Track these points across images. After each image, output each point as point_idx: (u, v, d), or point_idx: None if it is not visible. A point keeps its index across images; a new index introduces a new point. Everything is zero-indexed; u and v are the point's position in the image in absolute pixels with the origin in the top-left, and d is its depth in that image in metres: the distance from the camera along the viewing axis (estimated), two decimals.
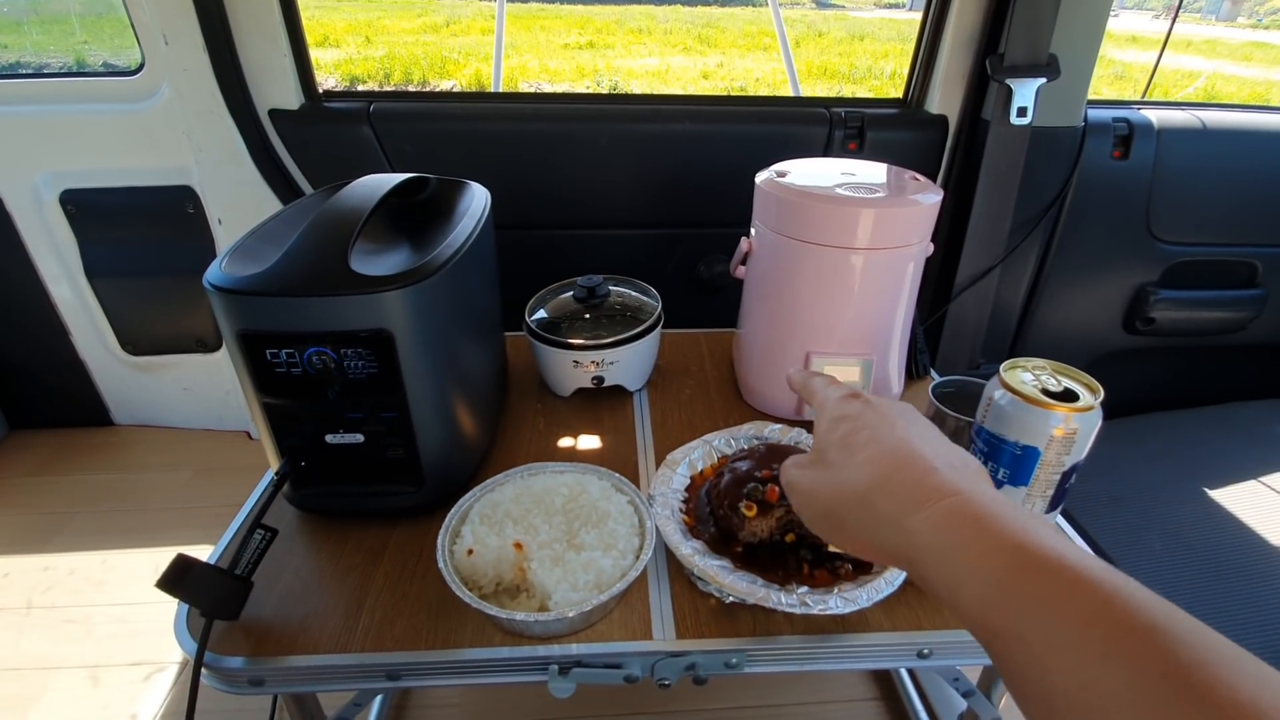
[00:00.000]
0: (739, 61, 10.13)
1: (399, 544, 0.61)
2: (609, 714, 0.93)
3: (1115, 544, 1.04)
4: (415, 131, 1.14)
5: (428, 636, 0.53)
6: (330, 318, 0.52)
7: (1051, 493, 0.57)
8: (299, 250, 0.54)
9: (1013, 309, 1.32)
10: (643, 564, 0.53)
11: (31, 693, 0.95)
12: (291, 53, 1.10)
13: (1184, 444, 1.22)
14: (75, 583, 1.12)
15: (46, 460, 1.40)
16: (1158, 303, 1.30)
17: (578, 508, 0.59)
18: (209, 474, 1.37)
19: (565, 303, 0.83)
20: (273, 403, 0.57)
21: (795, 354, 0.75)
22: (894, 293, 0.74)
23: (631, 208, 1.22)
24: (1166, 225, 1.26)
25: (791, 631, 0.53)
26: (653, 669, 0.53)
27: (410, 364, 0.55)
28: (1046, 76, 1.05)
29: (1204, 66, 9.39)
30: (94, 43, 2.05)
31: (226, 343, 0.55)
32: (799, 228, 0.71)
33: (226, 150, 1.13)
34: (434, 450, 0.61)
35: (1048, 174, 1.19)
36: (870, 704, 0.96)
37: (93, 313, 1.33)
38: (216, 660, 0.51)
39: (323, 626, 0.54)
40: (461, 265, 0.60)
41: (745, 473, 0.60)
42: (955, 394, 0.70)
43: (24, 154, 1.19)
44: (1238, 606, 0.89)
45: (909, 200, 0.69)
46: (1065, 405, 0.53)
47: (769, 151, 0.79)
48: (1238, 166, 1.24)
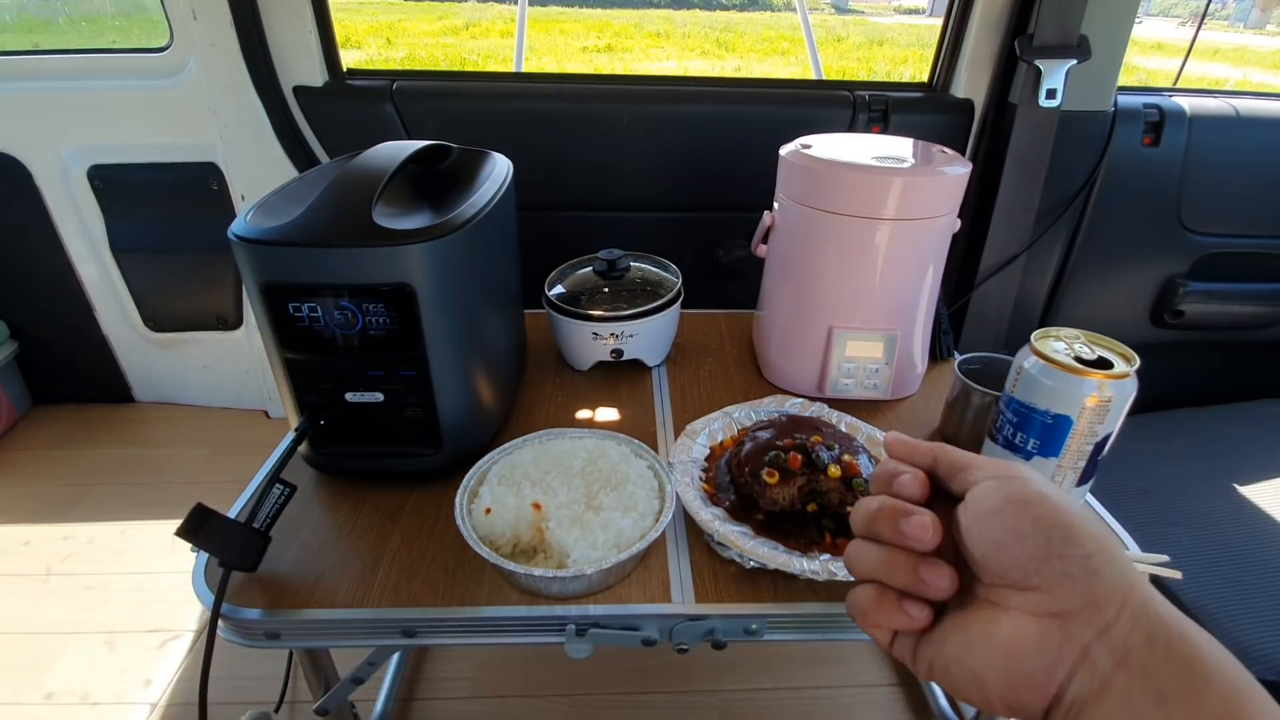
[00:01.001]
0: (757, 66, 10.10)
1: (416, 506, 0.61)
2: (623, 691, 0.93)
3: (1143, 538, 1.01)
4: (437, 110, 1.14)
5: (444, 595, 0.52)
6: (352, 270, 0.52)
7: (1083, 464, 0.55)
8: (323, 204, 0.54)
9: (1037, 298, 1.30)
10: (663, 526, 0.53)
11: (49, 656, 0.96)
12: (317, 30, 1.11)
13: (1213, 440, 1.19)
14: (94, 552, 1.13)
15: (68, 434, 1.42)
16: (1187, 295, 1.27)
17: (597, 471, 0.58)
18: (227, 451, 1.38)
19: (585, 277, 0.82)
20: (294, 358, 0.56)
21: (819, 328, 0.74)
22: (920, 267, 0.73)
23: (651, 190, 1.21)
24: (1197, 215, 1.23)
25: (814, 599, 0.52)
26: (670, 633, 0.52)
27: (431, 321, 0.55)
28: (1077, 58, 1.03)
29: (1231, 74, 9.24)
30: (123, 42, 2.10)
31: (250, 296, 0.55)
32: (825, 198, 0.69)
33: (251, 126, 1.14)
34: (452, 412, 0.60)
35: (1076, 160, 1.16)
36: (890, 689, 0.94)
37: (117, 289, 1.35)
38: (233, 612, 0.51)
39: (339, 582, 0.53)
40: (483, 227, 0.60)
41: (767, 441, 0.59)
42: (981, 370, 0.69)
43: (53, 129, 1.21)
44: (1268, 604, 0.86)
45: (937, 171, 0.68)
46: (1100, 372, 0.52)
47: (791, 134, 0.78)
48: (1273, 156, 1.21)
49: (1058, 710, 0.25)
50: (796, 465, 0.56)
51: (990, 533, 0.27)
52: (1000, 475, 0.28)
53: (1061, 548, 0.26)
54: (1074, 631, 0.25)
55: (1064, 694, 0.25)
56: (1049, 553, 0.26)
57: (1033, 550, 0.26)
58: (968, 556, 0.28)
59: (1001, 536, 0.27)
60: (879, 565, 0.29)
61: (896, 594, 0.29)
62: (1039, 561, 0.26)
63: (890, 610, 0.29)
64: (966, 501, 0.29)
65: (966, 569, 0.29)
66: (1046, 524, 0.26)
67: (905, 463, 0.31)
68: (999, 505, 0.27)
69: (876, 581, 0.30)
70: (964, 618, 0.28)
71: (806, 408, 0.69)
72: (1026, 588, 0.26)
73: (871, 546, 0.30)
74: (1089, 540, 0.26)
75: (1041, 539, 0.26)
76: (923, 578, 0.28)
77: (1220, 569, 0.92)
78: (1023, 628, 0.26)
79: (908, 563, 0.28)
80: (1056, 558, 0.26)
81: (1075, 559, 0.25)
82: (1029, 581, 0.26)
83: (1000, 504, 0.27)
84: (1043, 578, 0.26)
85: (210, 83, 1.13)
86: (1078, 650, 0.25)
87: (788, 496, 0.55)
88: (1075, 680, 0.25)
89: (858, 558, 0.30)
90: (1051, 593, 0.26)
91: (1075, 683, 0.25)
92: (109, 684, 0.93)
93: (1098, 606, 0.25)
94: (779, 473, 0.55)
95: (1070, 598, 0.25)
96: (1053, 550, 0.26)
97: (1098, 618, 0.25)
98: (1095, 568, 0.25)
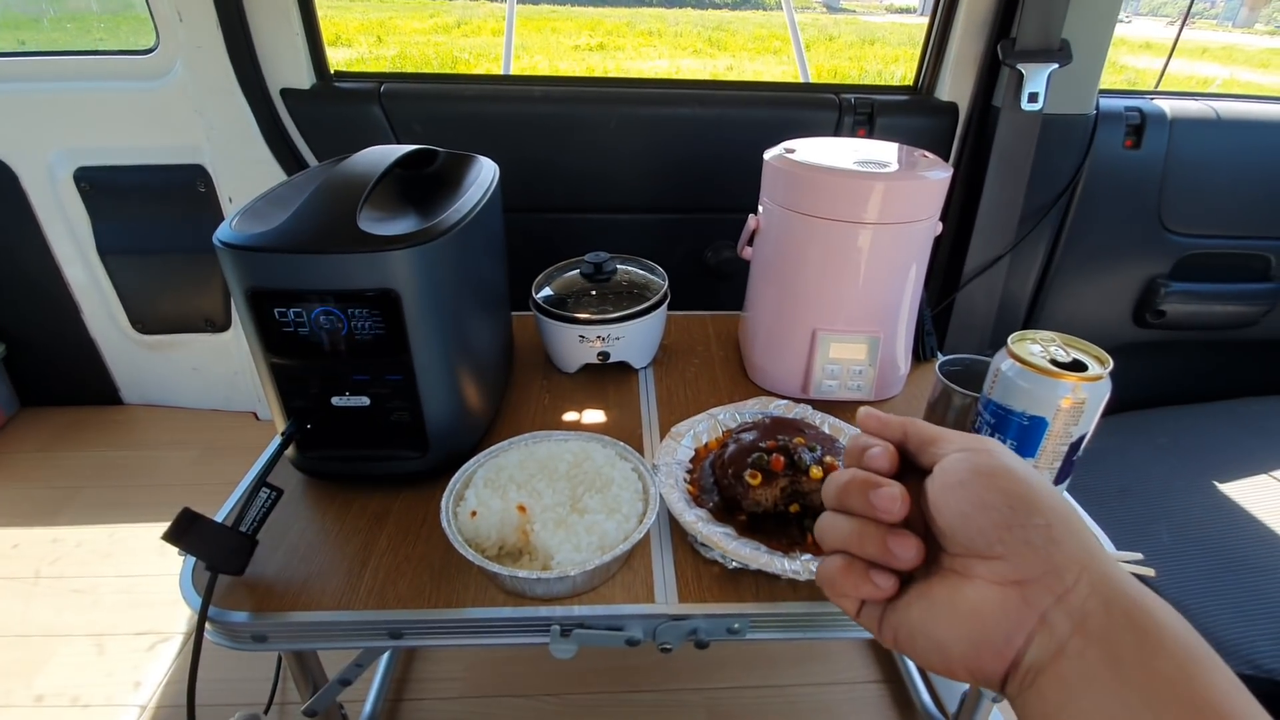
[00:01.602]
0: (749, 64, 10.11)
1: (403, 509, 0.62)
2: (611, 691, 0.93)
3: (1123, 536, 1.03)
4: (425, 112, 1.14)
5: (430, 596, 0.53)
6: (338, 276, 0.53)
7: (1059, 464, 0.57)
8: (308, 210, 0.54)
9: (1021, 299, 1.31)
10: (646, 527, 0.53)
11: (38, 659, 0.96)
12: (304, 32, 1.11)
13: (1193, 438, 1.20)
14: (83, 554, 1.13)
15: (56, 436, 1.41)
16: (1168, 295, 1.28)
17: (582, 473, 0.59)
18: (216, 453, 1.37)
19: (572, 280, 0.83)
20: (280, 363, 0.57)
21: (803, 331, 0.75)
22: (902, 270, 0.74)
23: (639, 192, 1.22)
24: (1178, 216, 1.25)
25: (795, 598, 0.53)
26: (654, 633, 0.53)
27: (416, 326, 0.56)
28: (1059, 62, 1.05)
29: (1220, 73, 9.30)
30: (110, 40, 2.09)
31: (235, 302, 0.55)
32: (808, 203, 0.70)
33: (238, 129, 1.14)
34: (439, 416, 0.61)
35: (1058, 162, 1.18)
36: (873, 685, 0.95)
37: (104, 291, 1.35)
38: (220, 615, 0.51)
39: (326, 585, 0.54)
40: (469, 231, 0.61)
41: (750, 443, 0.60)
42: (963, 372, 0.70)
43: (39, 131, 1.20)
44: (1246, 600, 0.88)
45: (919, 175, 0.69)
46: (1074, 375, 0.53)
47: (778, 137, 0.79)
48: (1252, 158, 1.23)
49: (1015, 674, 0.26)
50: (779, 467, 0.56)
51: (957, 503, 0.28)
52: (968, 448, 0.29)
53: (1024, 517, 0.26)
54: (1034, 598, 0.26)
55: (1022, 659, 0.26)
56: (1012, 522, 0.26)
57: (997, 519, 0.27)
58: (934, 527, 0.29)
59: (968, 507, 0.27)
60: (848, 536, 0.30)
61: (865, 564, 0.30)
62: (1002, 530, 0.26)
63: (858, 579, 0.29)
64: (935, 474, 0.29)
65: (933, 541, 0.29)
66: (1011, 494, 0.27)
67: (877, 437, 0.32)
68: (966, 477, 0.28)
69: (846, 552, 0.30)
70: (929, 587, 0.29)
71: (790, 409, 0.70)
72: (990, 556, 0.27)
73: (841, 518, 0.31)
74: (1050, 511, 0.27)
75: (1005, 509, 0.27)
76: (890, 548, 0.29)
77: (1199, 565, 0.93)
78: (985, 595, 0.27)
79: (876, 534, 0.29)
80: (1019, 527, 0.26)
81: (1037, 528, 0.26)
82: (992, 550, 0.27)
83: (967, 475, 0.28)
84: (1005, 546, 0.26)
85: (197, 85, 1.12)
86: (1036, 616, 0.26)
87: (770, 498, 0.56)
88: (1033, 645, 0.26)
89: (828, 529, 0.31)
90: (1013, 561, 0.26)
91: (1033, 648, 0.26)
92: (98, 686, 0.93)
93: (1057, 574, 0.26)
94: (762, 474, 0.56)
95: (1031, 565, 0.26)
96: (1016, 519, 0.26)
97: (1057, 585, 0.26)
98: (1055, 537, 0.26)
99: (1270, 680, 0.77)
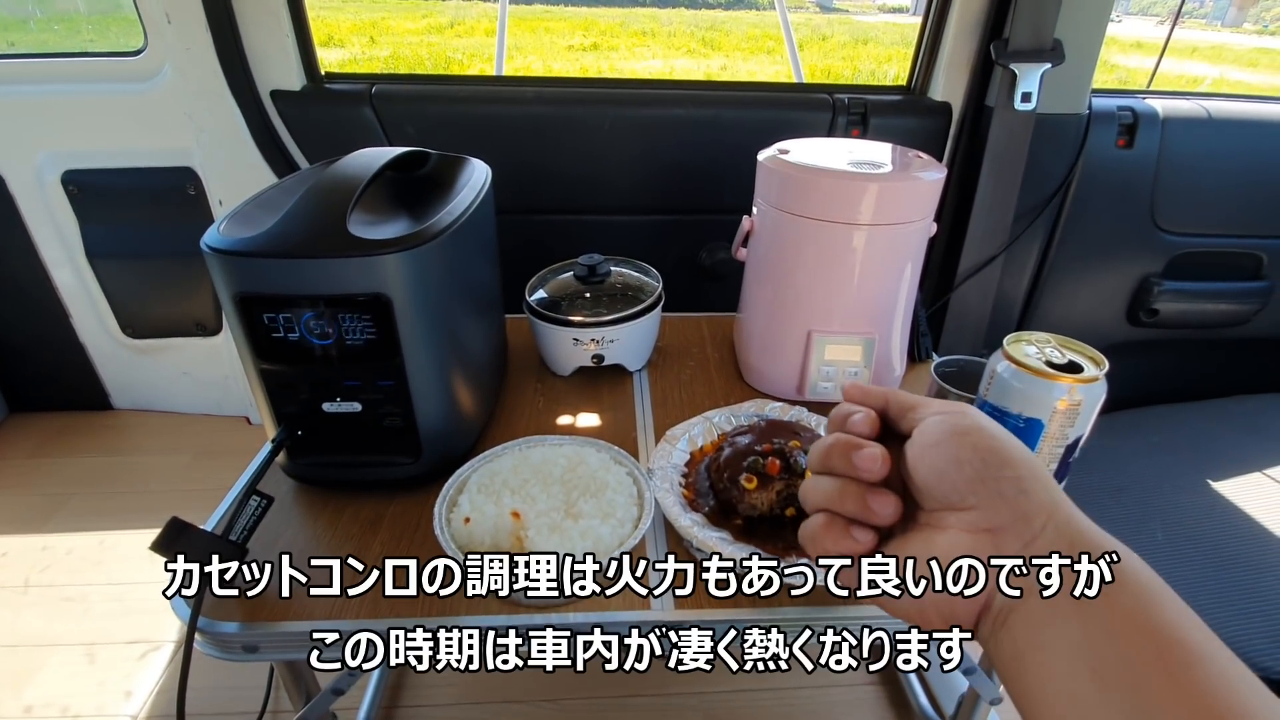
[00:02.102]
0: (743, 64, 10.12)
1: (395, 515, 0.61)
2: (608, 695, 0.93)
3: (1118, 535, 1.03)
4: (417, 113, 1.13)
5: (423, 604, 0.52)
6: (328, 280, 0.52)
7: (1055, 466, 0.56)
8: (297, 214, 0.54)
9: (1015, 299, 1.31)
10: (641, 532, 0.53)
11: (29, 669, 0.94)
12: (294, 33, 1.10)
13: (1187, 436, 1.21)
14: (73, 562, 1.11)
15: (45, 442, 1.39)
16: (1162, 294, 1.29)
17: (576, 478, 0.58)
18: (208, 458, 1.36)
19: (566, 282, 0.82)
20: (270, 369, 0.56)
21: (797, 332, 0.75)
22: (897, 271, 0.73)
23: (633, 193, 1.21)
24: (1171, 216, 1.25)
25: (791, 603, 0.53)
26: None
27: (408, 330, 0.55)
28: (1051, 62, 1.05)
29: (1209, 72, 9.36)
30: (99, 40, 2.06)
31: (224, 308, 0.54)
32: (802, 204, 0.70)
33: (228, 131, 1.13)
34: (432, 421, 0.60)
35: (1052, 162, 1.18)
36: (871, 688, 0.95)
37: (93, 295, 1.33)
38: (210, 625, 0.51)
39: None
40: (461, 234, 0.60)
41: (746, 446, 0.59)
42: (958, 374, 0.70)
43: (26, 134, 1.19)
44: (1240, 597, 0.88)
45: (913, 176, 0.68)
46: (1069, 376, 0.53)
47: (772, 137, 0.79)
48: (1244, 157, 1.24)
49: (987, 617, 0.28)
50: (775, 470, 0.56)
51: (934, 460, 0.30)
52: (945, 411, 0.31)
53: (996, 470, 0.28)
54: (1004, 544, 0.27)
55: (993, 602, 0.28)
56: (985, 475, 0.28)
57: (970, 474, 0.28)
58: (912, 485, 0.31)
59: (944, 464, 0.29)
60: (830, 495, 0.31)
61: (845, 522, 0.31)
62: (975, 484, 0.28)
63: (839, 535, 0.31)
64: (914, 436, 0.31)
65: (910, 501, 0.31)
66: (984, 450, 0.29)
67: (859, 404, 0.34)
68: (942, 436, 0.30)
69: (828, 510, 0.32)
70: (904, 541, 0.30)
71: (786, 411, 0.69)
72: (963, 508, 0.29)
73: (824, 479, 0.32)
74: (1020, 464, 0.28)
75: (979, 463, 0.28)
76: (870, 505, 0.30)
77: (1193, 563, 0.93)
78: (957, 542, 0.28)
79: (857, 492, 0.31)
80: (992, 479, 0.28)
81: (1008, 479, 0.28)
82: (965, 502, 0.28)
83: (943, 435, 0.30)
84: (978, 497, 0.28)
85: (186, 87, 1.11)
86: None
87: (766, 501, 0.56)
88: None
89: (811, 490, 0.33)
90: (985, 510, 0.28)
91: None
92: (89, 696, 0.92)
93: (1026, 521, 0.27)
94: (757, 478, 0.56)
95: (1001, 514, 0.28)
96: (989, 473, 0.28)
97: (1025, 531, 0.27)
98: (1025, 488, 0.28)
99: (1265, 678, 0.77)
